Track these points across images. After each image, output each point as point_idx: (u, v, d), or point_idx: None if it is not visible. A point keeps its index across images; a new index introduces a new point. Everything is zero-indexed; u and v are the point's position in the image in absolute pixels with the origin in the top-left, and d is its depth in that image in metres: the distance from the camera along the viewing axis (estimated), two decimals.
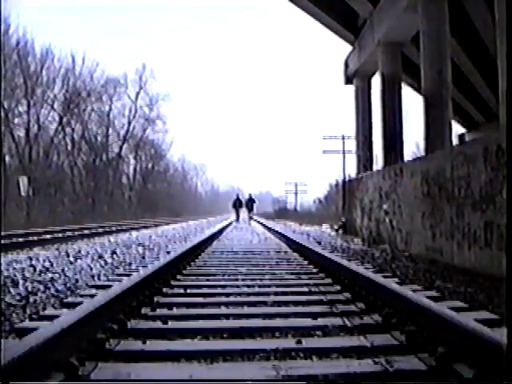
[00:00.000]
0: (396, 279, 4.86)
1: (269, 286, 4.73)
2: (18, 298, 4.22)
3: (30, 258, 7.48)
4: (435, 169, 7.10)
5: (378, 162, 16.27)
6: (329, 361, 2.55)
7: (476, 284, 4.84)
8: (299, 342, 2.77)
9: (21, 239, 11.46)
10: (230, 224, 22.19)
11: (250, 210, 28.10)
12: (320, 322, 3.23)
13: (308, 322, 3.26)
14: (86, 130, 40.23)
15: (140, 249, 9.37)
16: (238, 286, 4.70)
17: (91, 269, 6.17)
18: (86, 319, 2.52)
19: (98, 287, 4.51)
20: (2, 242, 9.23)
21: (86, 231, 15.81)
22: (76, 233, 14.80)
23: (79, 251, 8.84)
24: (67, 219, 26.62)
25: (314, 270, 5.80)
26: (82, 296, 4.10)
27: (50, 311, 3.57)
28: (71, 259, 7.42)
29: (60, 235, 13.62)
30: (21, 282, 5.12)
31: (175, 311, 3.59)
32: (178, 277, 5.25)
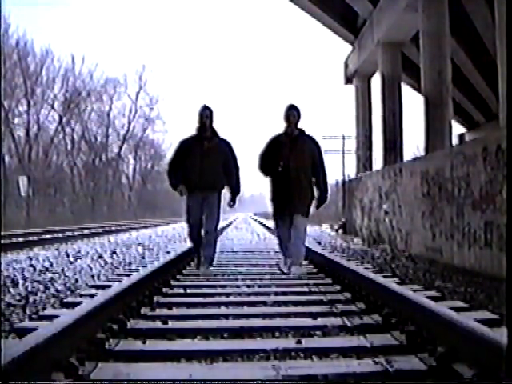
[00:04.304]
0: (396, 279, 4.86)
1: (269, 285, 4.72)
2: (17, 297, 4.22)
3: (30, 258, 7.48)
4: (435, 169, 7.10)
5: (378, 162, 16.26)
6: (329, 361, 2.55)
7: (476, 284, 4.83)
8: (299, 341, 2.77)
9: (21, 239, 11.45)
10: (229, 224, 22.18)
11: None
12: (320, 321, 3.23)
13: (308, 321, 3.25)
14: (86, 130, 40.22)
15: (140, 249, 9.37)
16: (237, 286, 4.69)
17: (91, 269, 6.17)
18: (86, 319, 2.52)
19: (97, 287, 4.51)
20: (2, 241, 9.22)
21: (85, 231, 15.81)
22: (76, 233, 14.79)
23: (79, 251, 8.84)
24: (67, 219, 26.62)
25: (314, 270, 5.80)
26: (81, 296, 4.10)
27: (49, 311, 3.56)
28: (71, 259, 7.42)
29: (60, 235, 13.62)
30: (21, 281, 5.12)
31: (175, 311, 3.59)
32: (178, 277, 5.25)
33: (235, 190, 5.99)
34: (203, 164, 5.64)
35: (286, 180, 5.53)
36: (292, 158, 5.53)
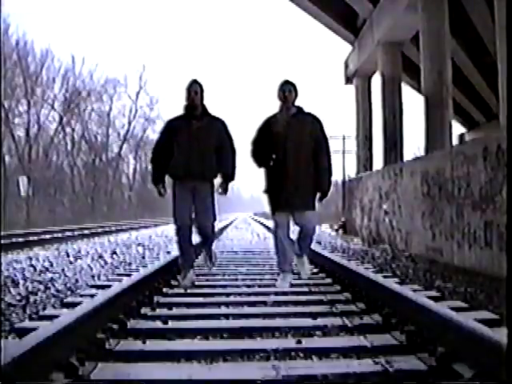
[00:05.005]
0: (396, 279, 4.85)
1: (269, 285, 4.72)
2: (18, 297, 4.22)
3: (30, 258, 7.48)
4: (435, 169, 7.10)
5: (378, 162, 16.24)
6: (329, 361, 2.55)
7: (476, 284, 4.83)
8: (299, 341, 2.77)
9: (21, 239, 11.45)
10: (229, 224, 22.17)
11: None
12: (320, 321, 3.23)
13: (308, 321, 3.25)
14: (86, 130, 40.23)
15: (140, 249, 9.37)
16: (237, 286, 4.69)
17: (91, 269, 6.17)
18: (86, 319, 2.52)
19: (97, 287, 4.51)
20: (2, 241, 9.22)
21: (85, 231, 15.81)
22: (76, 233, 14.79)
23: (79, 251, 8.84)
24: (67, 219, 26.63)
25: (315, 270, 5.80)
26: (81, 296, 4.10)
27: (49, 311, 3.56)
28: (71, 259, 7.42)
29: (60, 235, 13.61)
30: (21, 281, 5.12)
31: (175, 311, 3.59)
32: (178, 277, 5.24)
33: (229, 176, 4.99)
34: (192, 148, 4.68)
35: (283, 169, 4.66)
36: (289, 141, 4.65)
